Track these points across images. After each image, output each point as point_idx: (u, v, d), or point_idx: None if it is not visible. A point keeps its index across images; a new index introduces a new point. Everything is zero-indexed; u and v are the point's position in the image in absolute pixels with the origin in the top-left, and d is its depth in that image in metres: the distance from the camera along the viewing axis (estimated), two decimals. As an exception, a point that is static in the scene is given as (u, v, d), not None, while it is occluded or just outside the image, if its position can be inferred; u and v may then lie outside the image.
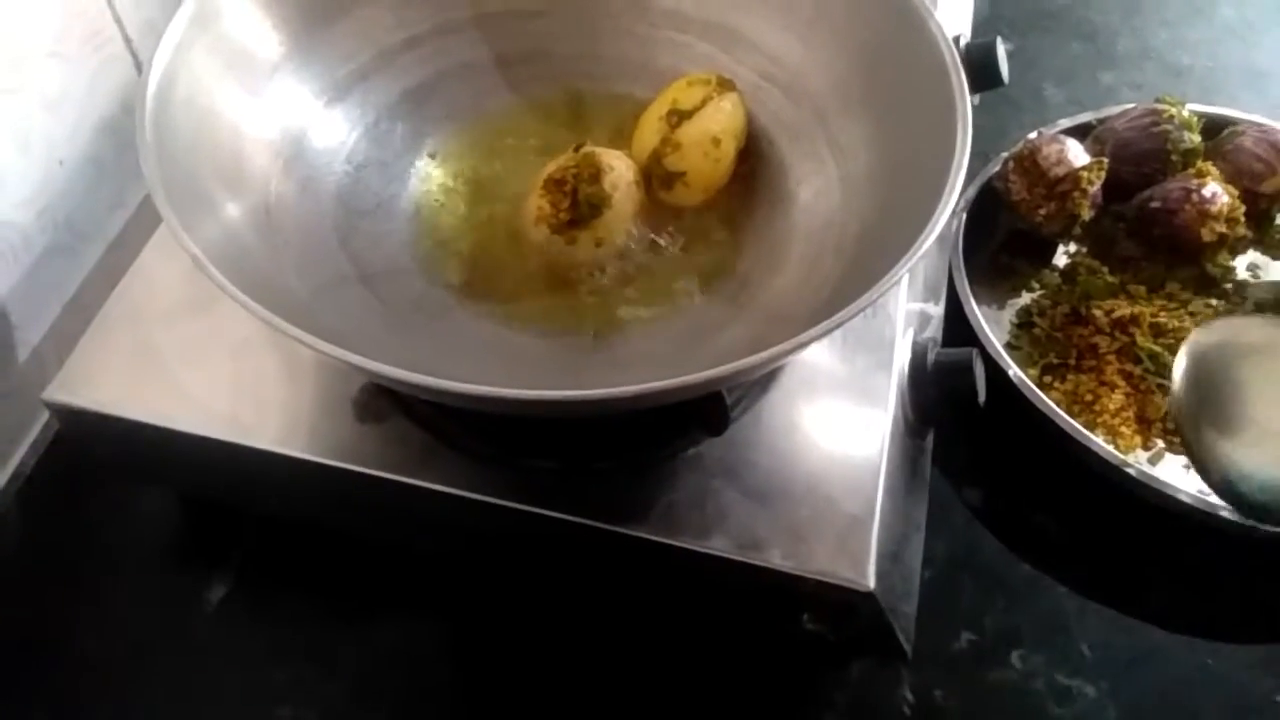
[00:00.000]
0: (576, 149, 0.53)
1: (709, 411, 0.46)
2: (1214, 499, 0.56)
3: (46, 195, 0.61)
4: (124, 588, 0.59)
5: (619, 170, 0.53)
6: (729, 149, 0.55)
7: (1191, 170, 0.69)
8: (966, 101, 0.45)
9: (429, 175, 0.57)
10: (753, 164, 0.55)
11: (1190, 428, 0.45)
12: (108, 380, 0.51)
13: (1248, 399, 0.43)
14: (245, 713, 0.55)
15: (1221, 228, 0.67)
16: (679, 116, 0.55)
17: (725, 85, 0.55)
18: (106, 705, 0.55)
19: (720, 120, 0.54)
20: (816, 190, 0.53)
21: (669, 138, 0.55)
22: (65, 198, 0.63)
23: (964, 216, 0.70)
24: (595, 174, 0.52)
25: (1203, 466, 0.46)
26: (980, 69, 0.62)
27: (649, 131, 0.56)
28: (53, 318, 0.64)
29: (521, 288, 0.53)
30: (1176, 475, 0.59)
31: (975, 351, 0.53)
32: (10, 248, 0.59)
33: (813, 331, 0.38)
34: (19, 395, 0.61)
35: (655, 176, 0.55)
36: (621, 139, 0.58)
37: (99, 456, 0.58)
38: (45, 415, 0.63)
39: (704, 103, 0.54)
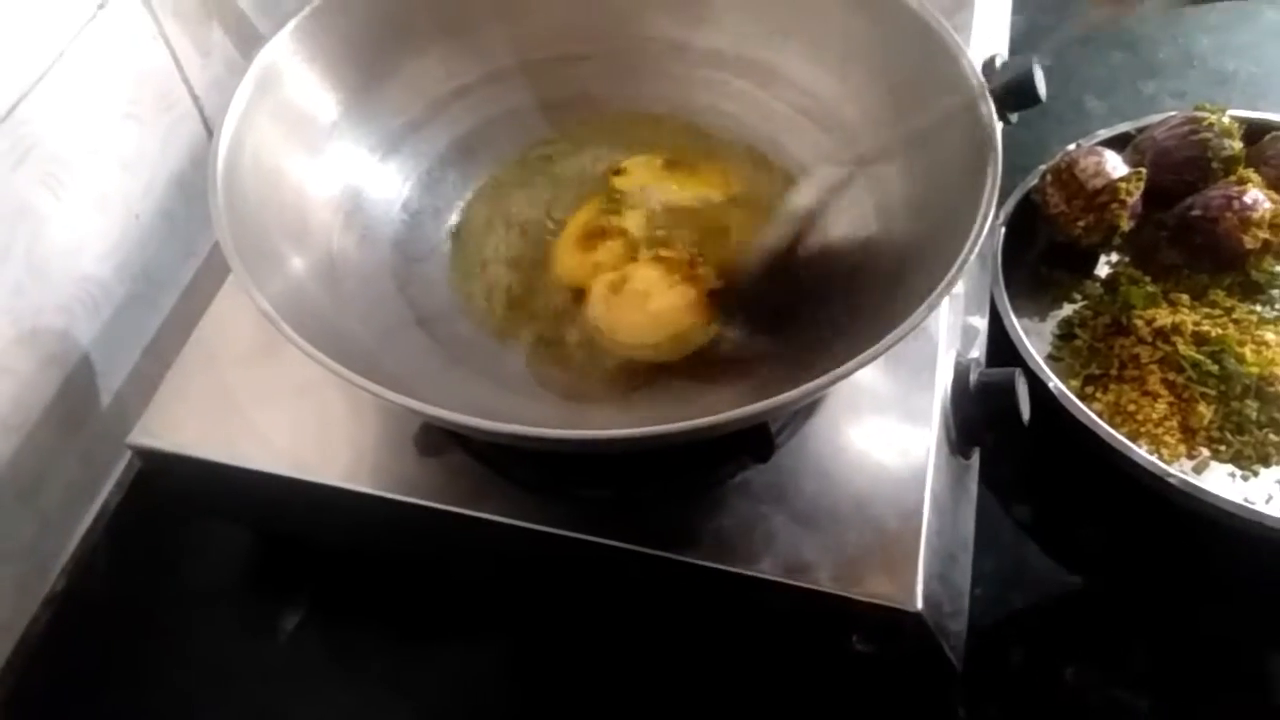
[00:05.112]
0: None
1: (755, 440, 0.48)
2: (1260, 507, 0.57)
3: (124, 249, 0.65)
4: (202, 618, 0.61)
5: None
6: None
7: (1233, 177, 0.69)
8: (997, 137, 0.46)
9: (476, 218, 0.59)
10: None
11: None
12: (186, 424, 0.54)
13: None
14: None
15: (1265, 234, 0.66)
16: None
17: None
18: (186, 730, 0.58)
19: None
20: (852, 220, 0.54)
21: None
22: (141, 250, 0.66)
23: (1003, 230, 0.70)
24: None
25: None
26: (1017, 88, 0.62)
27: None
28: (132, 364, 0.67)
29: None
30: (1221, 484, 0.60)
31: (1018, 372, 0.53)
32: (93, 300, 0.63)
33: (851, 364, 0.40)
34: (104, 437, 0.65)
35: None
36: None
37: (178, 494, 0.61)
38: (128, 455, 0.66)
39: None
